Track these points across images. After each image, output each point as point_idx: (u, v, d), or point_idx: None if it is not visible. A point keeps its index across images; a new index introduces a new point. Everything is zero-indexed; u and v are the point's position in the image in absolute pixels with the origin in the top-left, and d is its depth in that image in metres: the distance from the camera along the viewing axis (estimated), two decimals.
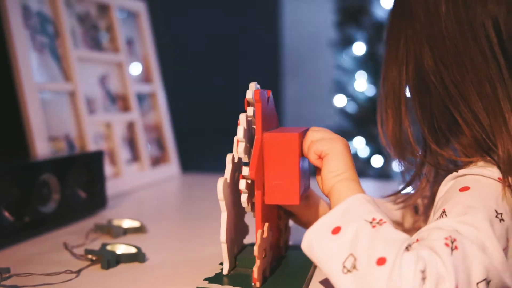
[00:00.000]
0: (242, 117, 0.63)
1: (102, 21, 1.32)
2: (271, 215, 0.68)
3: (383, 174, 2.27)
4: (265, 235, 0.63)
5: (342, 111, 2.42)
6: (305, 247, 0.56)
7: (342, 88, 2.42)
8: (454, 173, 0.61)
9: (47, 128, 1.08)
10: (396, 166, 2.24)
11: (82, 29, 1.25)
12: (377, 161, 2.29)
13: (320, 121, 2.64)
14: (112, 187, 1.18)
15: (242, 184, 0.62)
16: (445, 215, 0.55)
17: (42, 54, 1.11)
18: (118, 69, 1.35)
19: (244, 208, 0.65)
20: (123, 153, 1.30)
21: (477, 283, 0.48)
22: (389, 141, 0.69)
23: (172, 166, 1.48)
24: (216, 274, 0.66)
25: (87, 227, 0.92)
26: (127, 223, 0.92)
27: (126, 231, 0.90)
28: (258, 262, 0.61)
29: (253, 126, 0.65)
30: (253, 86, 0.64)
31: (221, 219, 0.64)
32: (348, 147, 0.64)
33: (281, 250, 0.73)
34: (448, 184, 0.61)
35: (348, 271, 0.50)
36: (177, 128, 1.57)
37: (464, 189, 0.58)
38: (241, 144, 0.62)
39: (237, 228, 0.69)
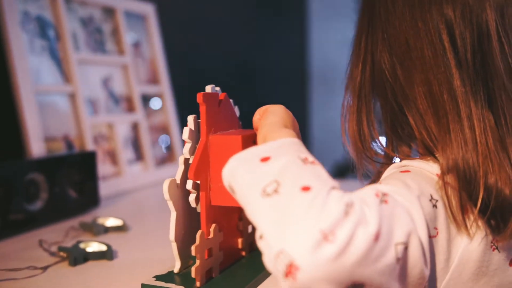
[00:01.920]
0: (190, 118, 0.65)
1: (107, 24, 1.36)
2: (225, 216, 0.69)
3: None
4: (211, 235, 0.64)
5: None
6: (227, 172, 0.53)
7: None
8: (397, 163, 0.61)
9: (44, 129, 1.12)
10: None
11: (85, 32, 1.29)
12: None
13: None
14: (112, 186, 1.22)
15: (189, 184, 0.64)
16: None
17: (41, 57, 1.16)
18: (123, 71, 1.39)
19: None
20: (125, 153, 1.33)
21: (396, 244, 0.45)
22: (350, 139, 0.69)
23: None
24: (168, 272, 0.68)
25: (73, 225, 0.96)
26: (110, 222, 0.94)
27: (107, 230, 0.93)
28: (197, 262, 0.62)
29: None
30: (208, 88, 0.66)
31: (171, 218, 0.66)
32: (288, 112, 0.65)
33: (241, 251, 0.74)
34: (390, 171, 0.61)
35: (268, 195, 0.46)
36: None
37: (405, 171, 0.58)
38: (187, 144, 0.64)
39: (193, 228, 0.70)
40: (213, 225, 0.65)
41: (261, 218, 0.46)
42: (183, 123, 1.57)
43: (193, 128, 0.64)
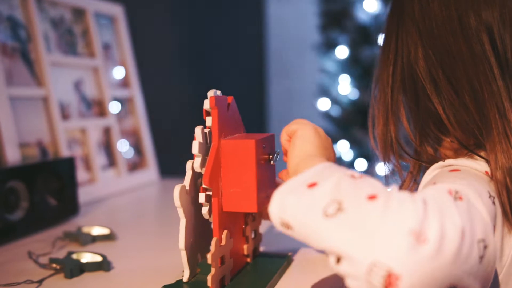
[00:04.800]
0: (198, 131, 0.63)
1: (78, 25, 1.32)
2: (233, 222, 0.67)
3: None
4: (223, 242, 0.63)
5: (326, 114, 2.42)
6: (275, 206, 0.49)
7: (325, 91, 2.42)
8: (441, 163, 0.60)
9: (18, 134, 1.07)
10: (380, 170, 2.24)
11: (56, 33, 1.24)
12: (361, 164, 2.29)
13: None
14: (86, 193, 1.18)
15: (202, 198, 0.62)
16: None
17: (13, 59, 1.10)
18: (94, 74, 1.35)
19: None
20: (98, 159, 1.29)
21: (478, 241, 0.42)
22: (378, 143, 0.68)
23: (150, 171, 1.47)
24: (176, 281, 0.66)
25: (57, 235, 0.92)
26: (96, 231, 0.91)
27: (95, 239, 0.89)
28: (213, 270, 0.60)
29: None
30: (211, 93, 0.64)
31: (180, 226, 0.64)
32: (318, 134, 0.63)
33: (247, 257, 0.73)
34: (434, 172, 0.60)
35: (332, 215, 0.43)
36: (155, 132, 1.56)
37: (455, 170, 0.57)
38: (197, 159, 0.62)
39: (201, 235, 0.68)
40: (225, 231, 0.64)
41: (334, 241, 0.43)
42: (152, 126, 1.54)
43: (201, 141, 0.62)
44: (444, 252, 0.39)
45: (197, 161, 0.62)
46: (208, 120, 0.64)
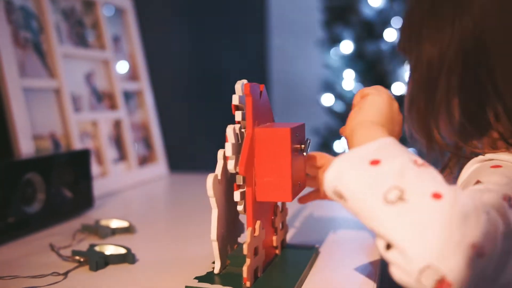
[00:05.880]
0: (229, 131, 0.61)
1: (88, 17, 1.30)
2: (264, 213, 0.66)
3: None
4: (256, 233, 0.62)
5: (330, 110, 2.41)
6: (332, 174, 0.49)
7: (329, 87, 2.41)
8: (480, 157, 0.59)
9: (31, 126, 1.05)
10: None
11: (67, 25, 1.22)
12: None
13: (307, 120, 2.63)
14: (99, 186, 1.16)
15: (237, 196, 0.61)
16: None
17: (25, 50, 1.09)
18: (104, 66, 1.33)
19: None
20: (109, 152, 1.27)
21: None
22: (418, 130, 0.65)
23: (160, 166, 1.45)
24: (207, 273, 0.65)
25: (74, 227, 0.90)
26: (115, 223, 0.89)
27: (114, 232, 0.88)
28: (248, 261, 0.59)
29: (242, 130, 0.64)
30: (239, 89, 0.62)
31: (212, 216, 0.62)
32: (390, 105, 0.60)
33: (275, 249, 0.72)
34: (473, 167, 0.59)
35: (392, 202, 0.43)
36: (164, 126, 1.55)
37: (496, 166, 0.56)
38: (231, 161, 0.60)
39: (230, 226, 0.67)
40: (258, 222, 0.62)
41: (390, 228, 0.43)
42: (161, 120, 1.52)
43: (234, 141, 0.61)
44: (502, 273, 0.42)
45: (231, 163, 0.60)
46: (238, 115, 0.62)
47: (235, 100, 0.62)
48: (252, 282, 0.61)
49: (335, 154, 2.32)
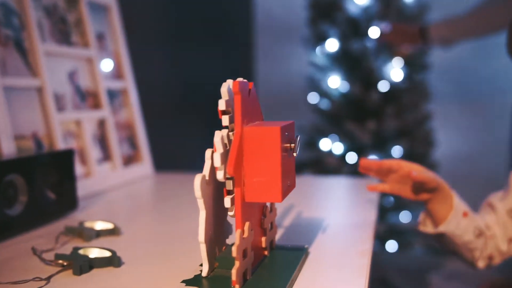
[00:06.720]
0: (217, 140, 0.59)
1: (71, 14, 1.27)
2: (253, 213, 0.65)
3: (358, 171, 2.26)
4: (245, 235, 0.60)
5: (316, 108, 2.40)
6: None
7: (315, 85, 2.40)
8: None
9: (13, 126, 1.02)
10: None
11: (49, 22, 1.19)
12: (351, 158, 2.28)
13: (294, 119, 2.62)
14: (83, 187, 1.14)
15: (227, 202, 0.60)
16: None
17: (6, 47, 1.06)
18: (88, 64, 1.30)
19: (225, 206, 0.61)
20: (94, 152, 1.25)
21: None
22: None
23: (145, 165, 1.43)
24: (194, 276, 0.63)
25: (57, 230, 0.88)
26: (99, 225, 0.87)
27: (99, 234, 0.86)
28: (237, 263, 0.57)
29: (230, 133, 0.62)
30: (225, 92, 0.61)
31: (200, 218, 0.61)
32: None
33: (264, 250, 0.70)
34: None
35: None
36: (149, 126, 1.53)
37: None
38: (220, 172, 0.59)
39: (218, 228, 0.65)
40: (247, 223, 0.61)
41: None
42: (146, 119, 1.50)
43: (222, 151, 0.59)
44: None
45: (220, 174, 0.59)
46: (225, 120, 0.61)
47: (221, 105, 0.60)
48: (241, 285, 0.59)
49: (321, 152, 2.32)
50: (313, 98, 2.40)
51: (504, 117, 2.29)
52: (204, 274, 0.62)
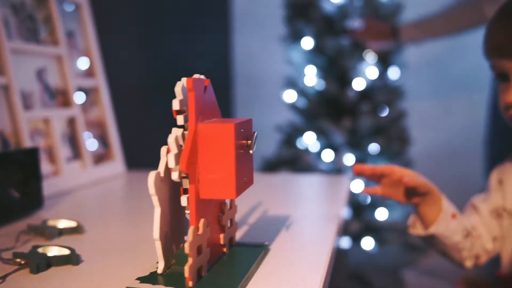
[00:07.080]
0: (171, 140, 0.60)
1: (40, 12, 1.26)
2: (210, 210, 0.65)
3: (334, 168, 2.27)
4: (200, 231, 0.60)
5: (292, 106, 2.40)
6: None
7: (292, 83, 2.41)
8: None
9: None
10: (347, 160, 2.25)
11: (16, 19, 1.18)
12: (327, 155, 2.29)
13: (270, 117, 2.63)
14: (50, 186, 1.13)
15: (184, 201, 0.61)
16: None
17: None
18: (57, 62, 1.30)
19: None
20: (62, 151, 1.24)
21: None
22: None
23: (117, 164, 1.43)
24: (150, 273, 0.63)
25: (20, 229, 0.87)
26: (63, 224, 0.87)
27: (61, 232, 0.85)
28: (190, 260, 0.58)
29: (185, 132, 0.62)
30: (179, 92, 0.61)
31: (155, 215, 0.61)
32: None
33: (223, 247, 0.71)
34: None
35: None
36: (121, 124, 1.52)
37: None
38: (175, 173, 0.59)
39: (175, 225, 0.66)
40: (202, 220, 0.61)
41: None
42: (118, 117, 1.49)
43: (176, 152, 0.60)
44: None
45: (175, 175, 0.59)
46: (180, 119, 0.61)
47: (175, 105, 0.60)
48: (195, 281, 0.59)
49: (298, 150, 2.33)
50: (289, 96, 2.41)
51: (479, 115, 2.32)
52: (159, 271, 0.63)
